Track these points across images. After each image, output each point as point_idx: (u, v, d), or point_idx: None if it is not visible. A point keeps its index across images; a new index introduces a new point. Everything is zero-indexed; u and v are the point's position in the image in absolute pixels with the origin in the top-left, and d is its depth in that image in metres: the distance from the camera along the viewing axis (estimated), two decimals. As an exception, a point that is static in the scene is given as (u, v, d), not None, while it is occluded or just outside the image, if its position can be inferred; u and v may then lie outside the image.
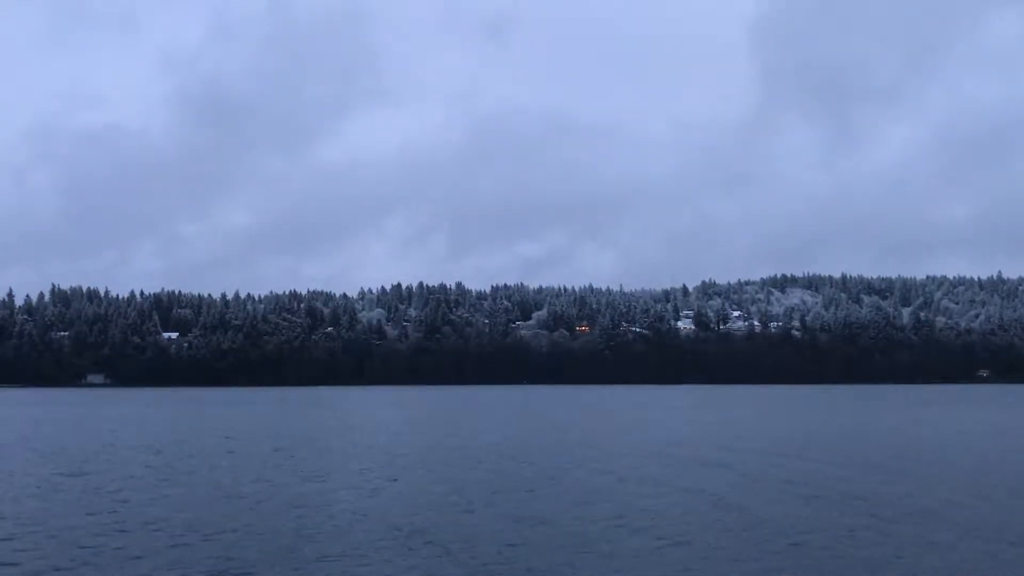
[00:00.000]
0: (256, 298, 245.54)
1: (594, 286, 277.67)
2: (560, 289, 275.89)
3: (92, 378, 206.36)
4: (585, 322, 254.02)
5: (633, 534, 16.70)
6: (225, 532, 16.93)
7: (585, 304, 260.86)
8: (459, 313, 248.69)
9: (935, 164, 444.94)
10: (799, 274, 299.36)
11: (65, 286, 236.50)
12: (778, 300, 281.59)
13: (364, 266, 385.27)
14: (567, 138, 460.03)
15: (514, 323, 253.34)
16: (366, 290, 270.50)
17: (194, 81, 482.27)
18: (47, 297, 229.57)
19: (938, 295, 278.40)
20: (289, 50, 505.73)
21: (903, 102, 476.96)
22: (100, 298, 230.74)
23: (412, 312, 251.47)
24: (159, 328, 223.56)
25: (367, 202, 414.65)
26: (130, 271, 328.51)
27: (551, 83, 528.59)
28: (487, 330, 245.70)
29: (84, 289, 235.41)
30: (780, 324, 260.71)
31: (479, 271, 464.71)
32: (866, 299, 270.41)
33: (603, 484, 24.25)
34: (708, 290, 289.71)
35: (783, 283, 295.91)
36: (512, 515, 18.84)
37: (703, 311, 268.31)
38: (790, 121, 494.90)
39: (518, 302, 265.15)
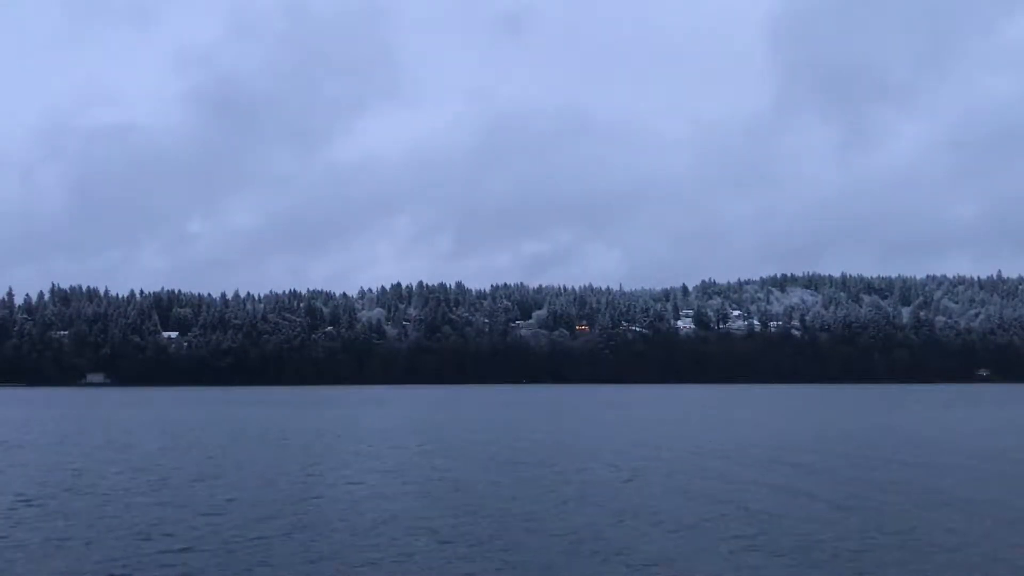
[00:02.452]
0: (256, 297, 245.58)
1: (595, 285, 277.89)
2: (560, 289, 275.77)
3: (92, 377, 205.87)
4: (585, 322, 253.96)
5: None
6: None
7: (585, 304, 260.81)
8: (459, 313, 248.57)
9: (947, 163, 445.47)
10: (799, 273, 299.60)
11: (72, 284, 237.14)
12: (778, 300, 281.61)
13: (371, 265, 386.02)
14: (582, 136, 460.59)
15: (514, 323, 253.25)
16: (366, 289, 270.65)
17: (209, 79, 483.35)
18: (47, 296, 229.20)
19: (938, 294, 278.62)
20: (305, 48, 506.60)
21: (917, 101, 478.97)
22: (100, 297, 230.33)
23: (412, 311, 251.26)
24: (159, 327, 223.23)
25: (377, 201, 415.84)
26: (136, 269, 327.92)
27: (567, 81, 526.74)
28: (487, 329, 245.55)
29: (84, 288, 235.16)
30: (780, 324, 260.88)
31: (486, 270, 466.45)
32: (866, 298, 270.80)
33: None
34: (708, 289, 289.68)
35: (783, 283, 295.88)
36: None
37: (703, 311, 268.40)
38: (805, 120, 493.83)
39: (518, 301, 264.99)
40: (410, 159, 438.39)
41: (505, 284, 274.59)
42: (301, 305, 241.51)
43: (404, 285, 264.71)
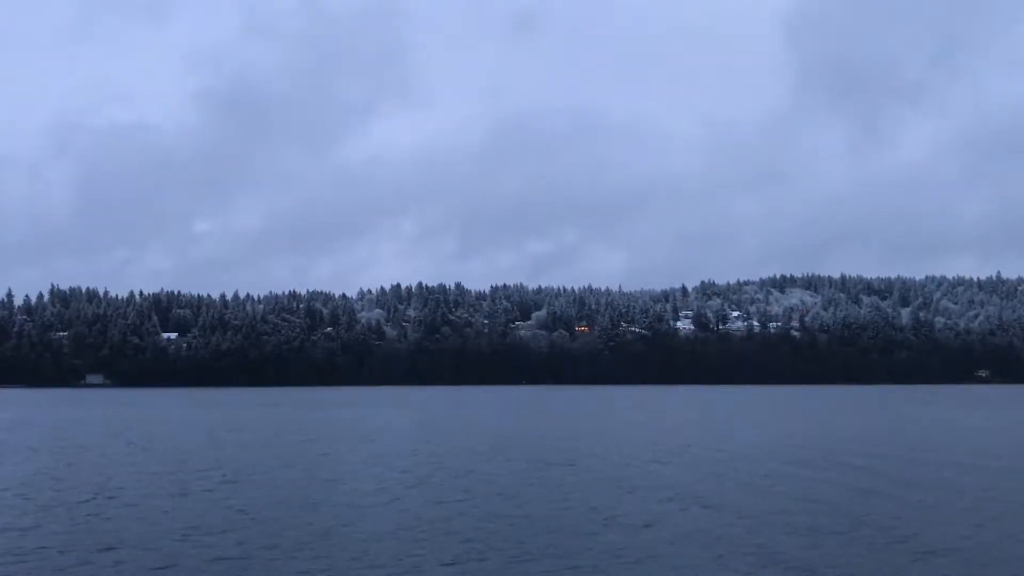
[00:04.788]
0: (255, 298, 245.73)
1: (594, 286, 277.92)
2: (559, 289, 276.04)
3: (91, 378, 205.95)
4: (584, 322, 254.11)
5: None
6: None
7: (584, 304, 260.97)
8: (458, 313, 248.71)
9: (957, 163, 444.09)
10: (798, 274, 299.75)
11: (74, 285, 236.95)
12: (777, 300, 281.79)
13: (376, 266, 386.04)
14: (592, 137, 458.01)
15: (513, 323, 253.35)
16: (365, 290, 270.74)
17: (222, 78, 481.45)
18: (46, 297, 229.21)
19: (937, 295, 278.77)
20: (320, 48, 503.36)
21: (930, 100, 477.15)
22: (99, 298, 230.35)
23: (411, 312, 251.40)
24: (158, 328, 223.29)
25: (383, 202, 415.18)
26: (142, 269, 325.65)
27: (578, 81, 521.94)
28: (486, 330, 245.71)
29: (83, 289, 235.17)
30: (779, 324, 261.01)
31: (491, 270, 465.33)
32: (865, 299, 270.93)
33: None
34: (707, 290, 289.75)
35: (782, 283, 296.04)
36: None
37: (702, 311, 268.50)
38: (819, 119, 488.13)
39: (517, 302, 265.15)
40: (418, 159, 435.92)
41: (504, 285, 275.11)
42: (300, 306, 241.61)
43: (404, 286, 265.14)
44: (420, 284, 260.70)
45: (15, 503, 21.27)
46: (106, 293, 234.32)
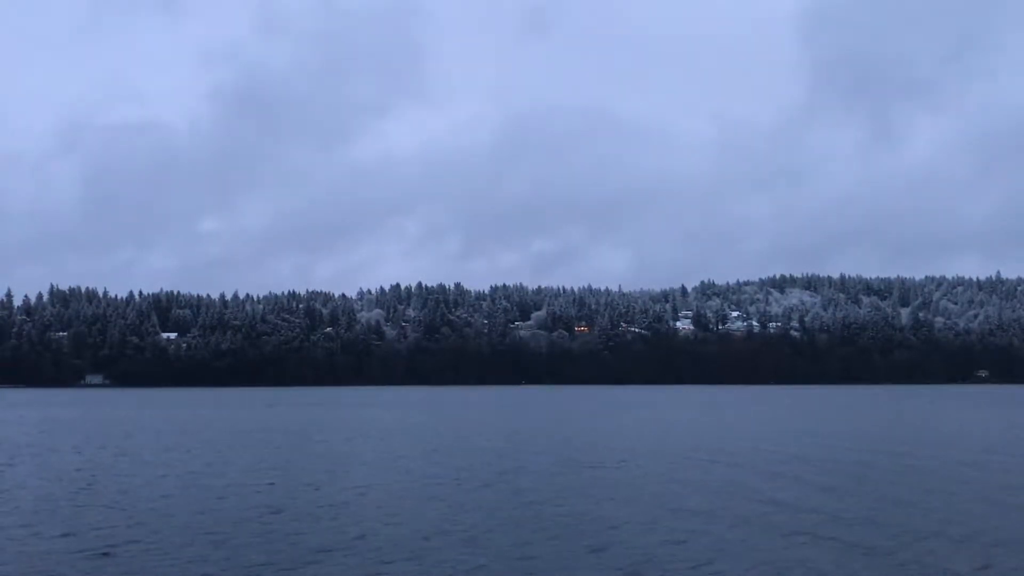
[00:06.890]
0: (255, 298, 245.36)
1: (594, 286, 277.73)
2: (559, 289, 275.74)
3: (91, 378, 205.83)
4: (584, 322, 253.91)
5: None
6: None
7: (584, 304, 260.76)
8: (458, 313, 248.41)
9: (968, 161, 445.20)
10: (798, 274, 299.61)
11: (78, 284, 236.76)
12: (777, 300, 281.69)
13: (381, 265, 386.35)
14: (603, 136, 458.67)
15: (513, 323, 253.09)
16: (365, 290, 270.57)
17: (234, 76, 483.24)
18: (46, 297, 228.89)
19: (937, 295, 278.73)
20: (333, 47, 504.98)
21: (942, 97, 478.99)
22: (99, 298, 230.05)
23: (411, 312, 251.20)
24: (158, 328, 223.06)
25: (391, 201, 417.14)
26: (146, 268, 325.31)
27: (590, 79, 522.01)
28: (486, 330, 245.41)
29: (83, 289, 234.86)
30: (779, 324, 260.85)
31: (492, 270, 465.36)
32: (865, 299, 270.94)
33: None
34: (707, 290, 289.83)
35: (782, 283, 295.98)
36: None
37: (702, 311, 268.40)
38: (831, 118, 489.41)
39: (517, 302, 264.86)
40: (427, 159, 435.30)
41: (504, 285, 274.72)
42: (300, 306, 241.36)
43: (403, 286, 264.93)
44: (420, 284, 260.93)
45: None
46: (105, 293, 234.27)
